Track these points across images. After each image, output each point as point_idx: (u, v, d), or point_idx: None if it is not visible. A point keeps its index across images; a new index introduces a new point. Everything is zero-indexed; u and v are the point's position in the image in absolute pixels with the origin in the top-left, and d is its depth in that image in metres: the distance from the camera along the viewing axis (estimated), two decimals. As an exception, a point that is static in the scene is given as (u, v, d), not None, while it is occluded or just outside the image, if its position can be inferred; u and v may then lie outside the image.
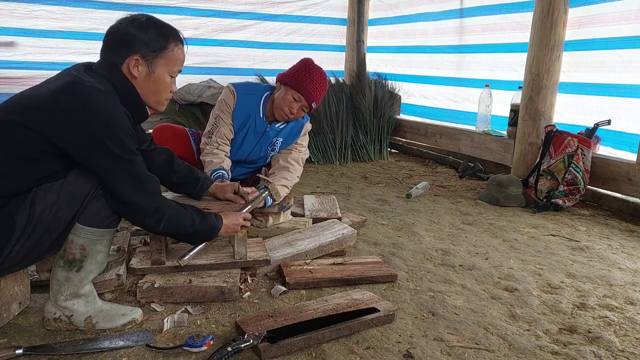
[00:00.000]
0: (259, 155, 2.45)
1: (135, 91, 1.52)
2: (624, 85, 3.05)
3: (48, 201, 1.38)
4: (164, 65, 1.55)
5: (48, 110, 1.35)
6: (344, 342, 1.51)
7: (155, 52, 1.51)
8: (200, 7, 4.73)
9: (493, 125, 3.97)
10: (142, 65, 1.51)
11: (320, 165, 4.28)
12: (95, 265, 1.53)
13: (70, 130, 1.35)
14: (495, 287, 1.96)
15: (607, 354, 1.52)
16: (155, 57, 1.52)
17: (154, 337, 1.49)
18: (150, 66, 1.52)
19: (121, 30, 1.50)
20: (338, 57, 5.51)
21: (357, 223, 2.57)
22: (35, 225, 1.37)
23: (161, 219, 1.49)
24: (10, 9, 4.04)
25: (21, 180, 1.37)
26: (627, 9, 2.98)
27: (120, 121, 1.40)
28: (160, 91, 1.57)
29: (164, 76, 1.56)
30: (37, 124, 1.34)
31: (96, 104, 1.36)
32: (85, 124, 1.35)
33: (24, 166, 1.37)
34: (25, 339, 1.48)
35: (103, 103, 1.38)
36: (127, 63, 1.49)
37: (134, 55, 1.49)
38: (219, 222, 1.69)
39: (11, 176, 1.36)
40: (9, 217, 1.35)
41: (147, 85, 1.54)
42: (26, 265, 1.51)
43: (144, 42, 1.49)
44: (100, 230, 1.48)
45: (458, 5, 4.30)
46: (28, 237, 1.37)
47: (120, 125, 1.39)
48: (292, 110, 2.31)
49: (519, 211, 3.04)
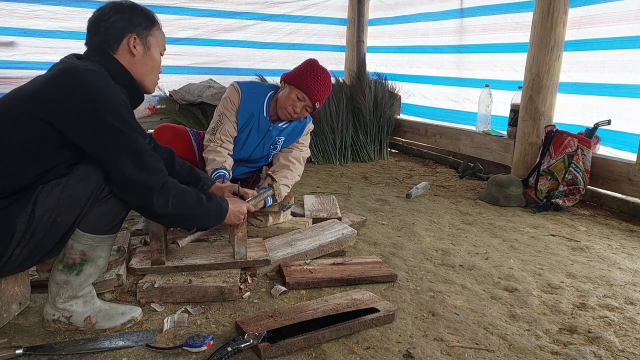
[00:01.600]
0: (261, 154, 2.45)
1: (128, 73, 1.53)
2: (624, 85, 3.05)
3: (48, 205, 1.36)
4: (155, 43, 1.59)
5: (46, 95, 1.35)
6: (344, 342, 1.51)
7: (146, 30, 1.55)
8: (200, 7, 4.73)
9: (493, 125, 3.97)
10: (138, 45, 1.53)
11: (320, 165, 4.28)
12: (96, 268, 1.53)
13: (69, 111, 1.34)
14: (495, 287, 1.96)
15: (607, 354, 1.52)
16: (148, 36, 1.56)
17: (154, 337, 1.49)
18: (145, 44, 1.55)
19: (109, 15, 1.51)
20: (338, 57, 5.51)
21: (357, 223, 2.57)
22: (35, 230, 1.35)
23: (169, 198, 1.42)
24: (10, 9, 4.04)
25: (22, 175, 1.35)
26: (627, 9, 2.98)
27: (116, 96, 1.39)
28: (154, 70, 1.60)
29: (156, 54, 1.60)
30: (38, 110, 1.34)
31: (90, 82, 1.36)
32: (82, 102, 1.34)
33: (25, 159, 1.35)
34: (25, 339, 1.48)
35: (96, 80, 1.38)
36: (126, 43, 1.51)
37: (131, 34, 1.51)
38: (225, 203, 1.66)
39: (12, 172, 1.35)
40: (10, 220, 1.34)
41: (145, 63, 1.56)
42: (26, 268, 1.51)
43: (137, 22, 1.53)
44: (100, 236, 1.47)
45: (458, 5, 4.30)
46: (28, 241, 1.36)
47: (117, 100, 1.39)
48: (295, 110, 2.31)
49: (519, 211, 3.04)
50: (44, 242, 1.38)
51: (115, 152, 1.36)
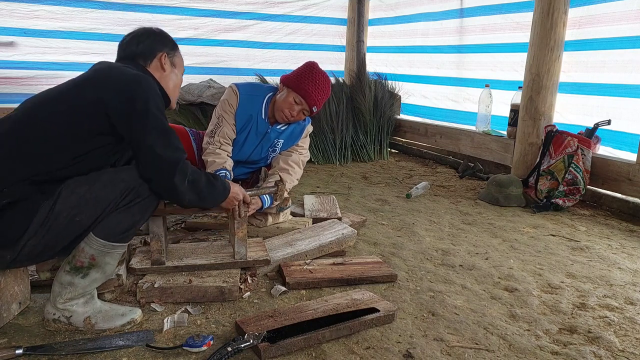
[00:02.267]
0: (260, 157, 2.45)
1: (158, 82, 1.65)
2: (624, 85, 3.05)
3: (70, 203, 1.40)
4: (179, 63, 1.77)
5: (97, 78, 1.50)
6: (344, 342, 1.51)
7: (172, 51, 1.73)
8: (200, 7, 4.73)
9: (493, 125, 3.97)
10: (167, 63, 1.69)
11: (320, 165, 4.28)
12: (102, 275, 1.55)
13: (115, 92, 1.45)
14: (495, 287, 1.96)
15: (607, 354, 1.52)
16: (174, 57, 1.74)
17: (154, 337, 1.49)
18: (172, 63, 1.73)
19: (143, 35, 1.68)
20: (338, 57, 5.52)
21: (357, 223, 2.57)
22: (53, 224, 1.39)
23: (186, 174, 1.52)
24: (10, 9, 4.04)
25: (58, 158, 1.42)
26: (627, 9, 2.98)
27: (155, 89, 1.54)
28: (178, 86, 1.77)
29: (180, 73, 1.77)
30: (86, 91, 1.46)
31: (135, 75, 1.51)
32: (129, 88, 1.47)
33: (64, 141, 1.43)
34: (25, 339, 1.48)
35: (140, 74, 1.53)
36: (159, 58, 1.67)
37: (163, 52, 1.68)
38: (228, 185, 1.73)
39: (50, 153, 1.41)
40: (34, 207, 1.37)
41: (172, 80, 1.72)
42: (36, 262, 1.54)
43: (165, 44, 1.71)
44: (112, 244, 1.49)
45: (458, 5, 4.30)
46: (45, 234, 1.39)
47: (156, 91, 1.54)
48: (292, 113, 2.31)
49: (519, 211, 3.04)
50: (58, 238, 1.42)
51: (147, 130, 1.46)
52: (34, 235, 1.38)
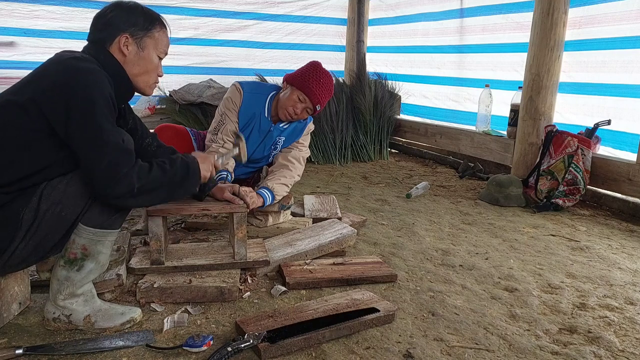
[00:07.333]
0: (262, 155, 2.45)
1: (123, 70, 1.53)
2: (624, 85, 3.05)
3: (53, 199, 1.38)
4: (152, 45, 1.57)
5: (35, 83, 1.38)
6: (344, 342, 1.51)
7: (143, 31, 1.54)
8: (200, 7, 4.73)
9: (493, 125, 3.97)
10: (131, 45, 1.53)
11: (320, 165, 4.28)
12: (97, 265, 1.53)
13: (49, 93, 1.35)
14: (495, 287, 1.96)
15: (607, 354, 1.52)
16: (144, 37, 1.55)
17: (154, 337, 1.49)
18: (139, 45, 1.54)
19: (109, 12, 1.53)
20: (338, 57, 5.51)
21: (357, 223, 2.57)
22: (40, 223, 1.37)
23: (131, 184, 1.39)
24: (10, 9, 4.04)
25: (19, 167, 1.36)
26: (627, 9, 2.98)
27: (98, 87, 1.39)
28: (149, 72, 1.59)
29: (152, 56, 1.58)
30: (27, 96, 1.36)
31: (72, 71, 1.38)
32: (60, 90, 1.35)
33: (22, 151, 1.36)
34: (25, 339, 1.48)
35: (81, 69, 1.39)
36: (118, 41, 1.51)
37: (123, 34, 1.51)
38: (189, 158, 1.59)
39: (10, 164, 1.35)
40: (16, 214, 1.35)
41: (137, 64, 1.55)
42: (30, 265, 1.52)
43: (132, 22, 1.53)
44: (102, 230, 1.48)
45: (458, 5, 4.30)
46: (33, 235, 1.37)
47: (99, 90, 1.38)
48: (295, 111, 2.31)
49: (519, 211, 3.04)
50: (48, 237, 1.40)
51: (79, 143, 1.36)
52: (23, 239, 1.36)
